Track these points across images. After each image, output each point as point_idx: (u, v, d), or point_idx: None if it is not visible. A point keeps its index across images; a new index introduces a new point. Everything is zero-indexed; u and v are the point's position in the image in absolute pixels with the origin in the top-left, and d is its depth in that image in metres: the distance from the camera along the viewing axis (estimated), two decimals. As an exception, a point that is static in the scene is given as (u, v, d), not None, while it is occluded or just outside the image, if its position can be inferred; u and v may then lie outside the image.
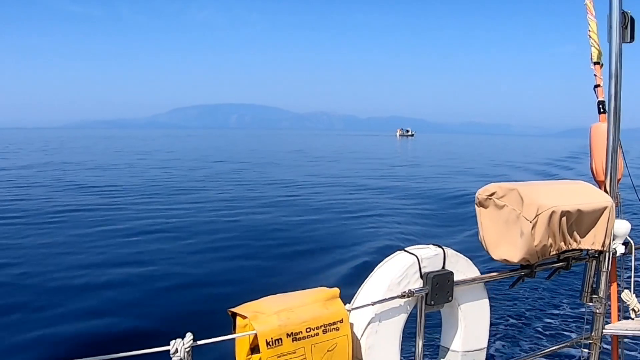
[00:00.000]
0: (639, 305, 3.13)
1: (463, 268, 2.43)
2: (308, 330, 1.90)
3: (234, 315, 1.92)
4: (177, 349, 1.70)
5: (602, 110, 3.18)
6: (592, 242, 2.74)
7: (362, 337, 2.13)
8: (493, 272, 2.62)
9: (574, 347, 3.13)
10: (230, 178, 27.99)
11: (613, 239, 2.90)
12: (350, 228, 14.00)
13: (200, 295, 8.29)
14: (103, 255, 10.61)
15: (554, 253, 2.58)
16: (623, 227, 2.92)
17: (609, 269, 2.99)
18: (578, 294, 3.10)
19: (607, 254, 2.93)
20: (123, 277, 9.12)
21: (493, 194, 2.58)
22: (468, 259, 2.48)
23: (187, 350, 1.70)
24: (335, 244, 11.99)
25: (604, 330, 3.03)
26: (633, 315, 3.14)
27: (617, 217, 2.88)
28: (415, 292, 2.20)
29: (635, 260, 3.07)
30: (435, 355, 2.56)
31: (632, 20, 2.95)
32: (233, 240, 12.26)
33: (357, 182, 27.03)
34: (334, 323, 1.97)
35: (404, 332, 2.25)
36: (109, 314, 7.40)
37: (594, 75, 3.22)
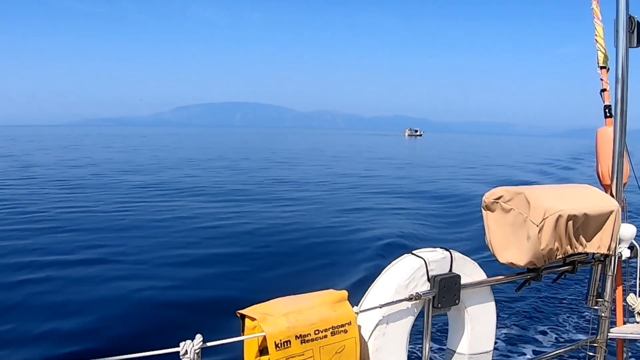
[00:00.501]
0: (644, 309, 3.13)
1: (470, 271, 2.44)
2: (316, 333, 1.91)
3: (243, 317, 1.93)
4: (186, 351, 1.71)
5: (608, 115, 3.18)
6: (598, 245, 2.75)
7: (369, 339, 2.14)
8: (499, 275, 2.63)
9: (580, 350, 3.13)
10: (255, 177, 28.06)
11: (619, 243, 2.90)
12: (359, 230, 14.01)
13: (209, 297, 8.30)
14: (113, 254, 10.64)
15: (560, 257, 2.59)
16: (629, 231, 2.93)
17: (615, 273, 2.99)
18: (583, 298, 3.10)
19: (612, 258, 2.93)
20: (133, 278, 9.14)
21: (500, 198, 2.59)
22: (475, 262, 2.49)
23: (196, 352, 1.71)
24: (343, 247, 12.01)
25: (609, 334, 3.04)
26: (638, 319, 3.14)
27: (622, 221, 2.88)
28: (423, 295, 2.21)
29: None
30: (442, 358, 2.58)
31: (638, 25, 2.96)
32: (242, 242, 12.27)
33: (371, 182, 27.11)
34: (342, 325, 1.98)
35: (411, 334, 2.26)
36: (119, 315, 7.42)
37: (600, 80, 3.22)
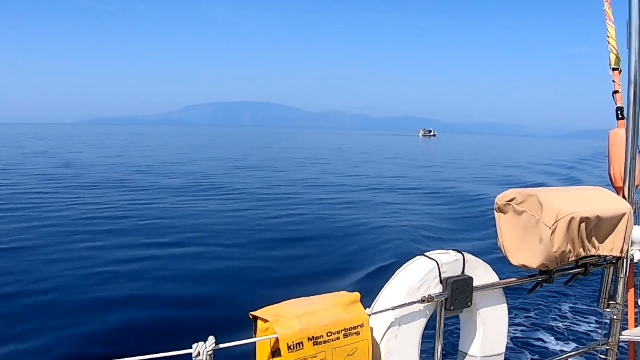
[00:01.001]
0: (656, 312, 3.11)
1: (482, 273, 2.43)
2: (329, 334, 1.90)
3: (255, 319, 1.93)
4: (199, 352, 1.70)
5: (620, 116, 3.16)
6: (610, 248, 2.73)
7: (381, 341, 2.13)
8: (511, 277, 2.62)
9: (591, 353, 3.11)
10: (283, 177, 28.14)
11: (631, 245, 2.88)
12: (372, 231, 14.01)
13: (221, 298, 8.33)
14: (126, 255, 10.68)
15: (573, 259, 2.57)
16: None
17: (627, 275, 2.98)
18: (595, 300, 3.08)
19: (624, 260, 2.92)
20: (145, 279, 9.16)
21: (512, 200, 2.57)
22: (487, 265, 2.48)
23: (209, 353, 1.71)
24: (356, 248, 12.01)
25: (621, 337, 3.02)
26: None
27: (635, 223, 2.86)
28: (435, 297, 2.21)
29: None
30: None
31: None
32: (254, 243, 12.29)
33: (387, 182, 27.18)
34: (355, 327, 1.97)
35: (423, 336, 2.25)
36: (131, 317, 7.44)
37: (613, 81, 3.20)
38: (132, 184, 23.04)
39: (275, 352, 1.86)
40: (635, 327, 3.17)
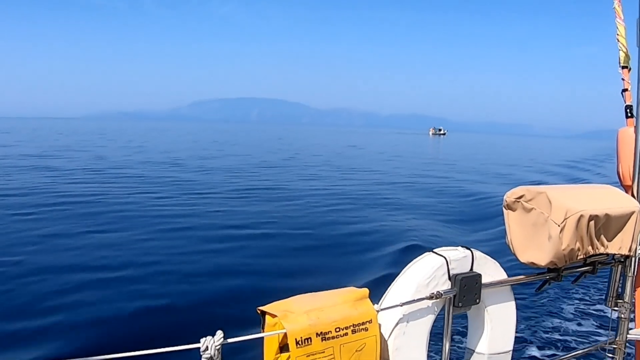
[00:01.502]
0: (664, 311, 3.09)
1: (491, 270, 2.42)
2: (337, 330, 1.90)
3: (263, 314, 1.92)
4: (207, 347, 1.70)
5: (629, 115, 3.15)
6: (619, 246, 2.72)
7: (389, 338, 2.13)
8: (519, 275, 2.61)
9: (598, 351, 3.10)
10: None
11: (639, 244, 2.87)
12: (380, 227, 14.00)
13: (229, 294, 8.32)
14: (135, 250, 10.67)
15: (581, 257, 2.57)
16: None
17: (635, 274, 2.96)
18: (603, 299, 3.07)
19: (633, 259, 2.90)
20: (153, 274, 9.16)
21: (521, 197, 2.56)
22: (496, 262, 2.47)
23: (217, 348, 1.70)
24: (365, 244, 11.98)
25: (629, 336, 3.01)
26: None
27: None
28: (444, 293, 2.20)
29: None
30: (462, 357, 2.56)
31: None
32: (263, 238, 12.28)
33: (398, 180, 27.18)
34: (363, 323, 1.96)
35: (431, 333, 2.25)
36: (140, 311, 7.44)
37: (622, 79, 3.18)
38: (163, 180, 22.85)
39: (284, 347, 1.86)
40: None
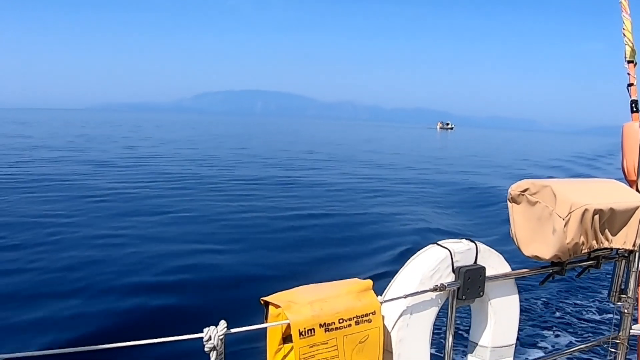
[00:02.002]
0: (668, 306, 3.09)
1: (495, 263, 2.41)
2: (341, 322, 1.89)
3: (267, 304, 1.92)
4: (210, 337, 1.69)
5: (635, 109, 3.13)
6: (623, 241, 2.71)
7: (393, 329, 2.12)
8: (523, 268, 2.60)
9: (601, 346, 3.10)
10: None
11: None
12: (386, 219, 14.09)
13: (233, 284, 8.36)
14: (138, 241, 10.72)
15: (585, 251, 2.56)
16: None
17: (639, 269, 2.95)
18: (607, 293, 3.06)
19: (637, 254, 2.90)
20: (157, 264, 9.19)
21: (526, 190, 2.55)
22: (500, 255, 2.46)
23: (220, 338, 1.70)
24: (369, 236, 12.04)
25: (632, 331, 3.00)
26: None
27: None
28: (447, 286, 2.19)
29: None
30: (465, 350, 2.55)
31: None
32: (267, 229, 12.34)
33: (405, 174, 27.38)
34: (367, 315, 1.96)
35: (434, 325, 2.24)
36: (144, 301, 7.49)
37: (627, 74, 3.16)
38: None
39: (287, 338, 1.86)
40: None
